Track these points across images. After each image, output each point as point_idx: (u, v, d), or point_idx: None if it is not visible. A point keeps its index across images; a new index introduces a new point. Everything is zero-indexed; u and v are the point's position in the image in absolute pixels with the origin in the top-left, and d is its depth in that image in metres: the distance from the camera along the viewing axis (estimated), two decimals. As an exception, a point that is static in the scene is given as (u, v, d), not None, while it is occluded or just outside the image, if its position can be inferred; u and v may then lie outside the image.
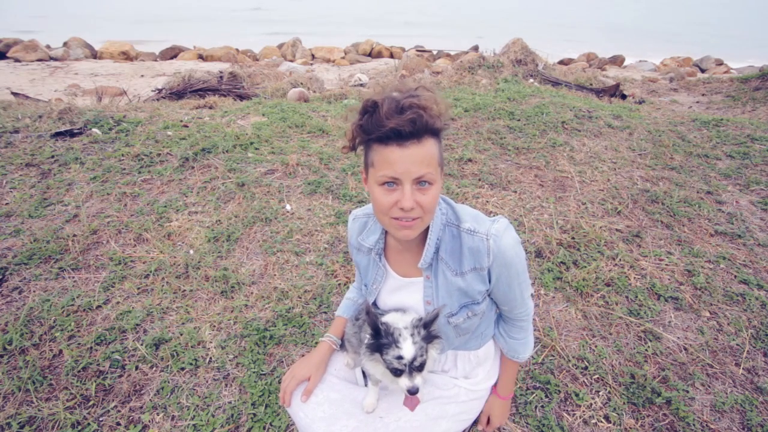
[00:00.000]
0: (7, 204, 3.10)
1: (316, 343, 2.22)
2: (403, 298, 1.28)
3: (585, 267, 2.82)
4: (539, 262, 2.88)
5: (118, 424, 1.86)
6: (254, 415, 1.90)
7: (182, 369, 2.10)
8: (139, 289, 2.54)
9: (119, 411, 1.91)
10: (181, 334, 2.26)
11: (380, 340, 1.09)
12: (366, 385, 1.38)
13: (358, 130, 1.06)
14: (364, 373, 1.41)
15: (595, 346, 2.32)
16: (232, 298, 2.53)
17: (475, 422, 1.46)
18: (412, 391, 1.07)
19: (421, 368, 1.09)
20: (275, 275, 2.70)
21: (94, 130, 4.04)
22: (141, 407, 1.93)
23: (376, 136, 1.02)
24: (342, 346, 1.47)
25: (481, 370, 1.40)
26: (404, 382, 1.07)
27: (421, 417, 1.26)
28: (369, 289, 1.34)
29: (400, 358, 1.06)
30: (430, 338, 1.14)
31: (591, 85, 7.89)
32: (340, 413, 1.25)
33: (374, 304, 1.35)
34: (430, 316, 1.12)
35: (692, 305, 2.61)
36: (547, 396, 2.05)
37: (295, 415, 1.30)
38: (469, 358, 1.38)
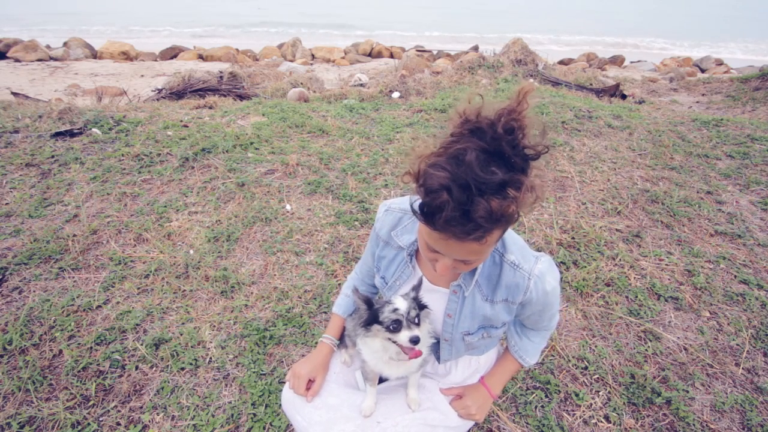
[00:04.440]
0: (7, 204, 3.10)
1: (316, 343, 2.22)
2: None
3: (585, 267, 2.82)
4: (539, 262, 2.88)
5: (118, 424, 1.86)
6: (254, 415, 1.90)
7: (182, 369, 2.10)
8: (139, 289, 2.54)
9: (119, 411, 1.91)
10: (181, 334, 2.26)
11: (374, 307, 1.17)
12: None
13: (415, 207, 0.92)
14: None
15: (595, 346, 2.32)
16: (232, 298, 2.53)
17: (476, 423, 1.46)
18: (414, 340, 1.10)
19: (417, 322, 1.13)
20: (275, 275, 2.70)
21: (94, 130, 4.04)
22: (141, 407, 1.93)
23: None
24: (341, 344, 1.46)
25: (478, 377, 1.39)
26: (405, 334, 1.11)
27: (419, 423, 1.25)
28: (388, 285, 1.29)
29: (396, 310, 1.12)
30: (420, 306, 1.17)
31: (591, 85, 7.89)
32: (338, 417, 1.24)
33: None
34: (414, 286, 1.18)
35: (692, 305, 2.61)
36: (547, 396, 2.05)
37: (292, 418, 1.30)
38: (470, 363, 1.38)
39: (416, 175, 0.89)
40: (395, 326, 1.12)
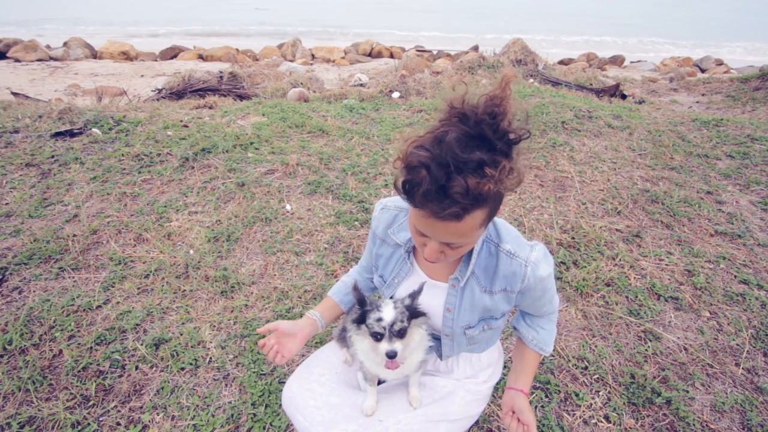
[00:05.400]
0: (7, 204, 3.10)
1: (316, 343, 2.23)
2: (423, 298, 1.24)
3: (585, 267, 2.82)
4: (539, 262, 2.88)
5: (118, 424, 1.86)
6: (254, 415, 1.90)
7: (182, 369, 2.10)
8: (139, 289, 2.54)
9: (119, 411, 1.91)
10: (181, 334, 2.26)
11: (365, 308, 1.15)
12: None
13: (398, 184, 0.95)
14: None
15: (595, 346, 2.32)
16: (232, 298, 2.53)
17: (476, 422, 1.46)
18: (390, 355, 1.10)
19: (401, 335, 1.12)
20: (275, 275, 2.70)
21: (94, 130, 4.04)
22: (141, 407, 1.93)
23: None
24: (343, 342, 1.46)
25: (482, 374, 1.39)
26: (383, 345, 1.11)
27: (421, 420, 1.25)
28: (387, 283, 1.29)
29: (380, 320, 1.10)
30: (415, 314, 1.15)
31: (591, 85, 7.89)
32: (339, 417, 1.24)
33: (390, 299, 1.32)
34: (412, 292, 1.15)
35: (692, 305, 2.61)
36: (547, 396, 2.05)
37: (293, 417, 1.29)
38: (471, 361, 1.38)
39: (403, 157, 0.92)
40: (377, 336, 1.11)
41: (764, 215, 3.49)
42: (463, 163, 0.84)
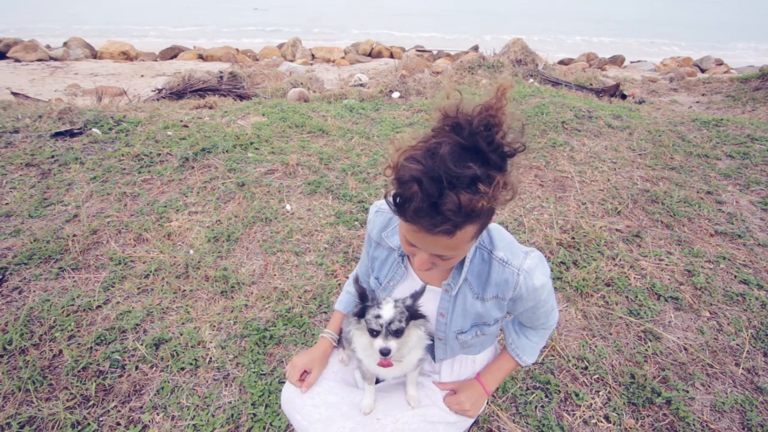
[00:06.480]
0: (7, 204, 3.10)
1: (316, 342, 2.23)
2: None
3: (585, 267, 2.82)
4: (539, 262, 2.88)
5: (118, 424, 1.86)
6: (254, 415, 1.90)
7: (182, 369, 2.10)
8: (139, 289, 2.54)
9: (119, 411, 1.91)
10: (181, 334, 2.26)
11: (365, 303, 1.15)
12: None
13: (389, 198, 0.93)
14: None
15: (595, 346, 2.32)
16: (232, 298, 2.53)
17: (476, 422, 1.46)
18: (384, 352, 1.10)
19: (397, 334, 1.12)
20: (275, 275, 2.70)
21: (94, 130, 4.04)
22: (141, 407, 1.93)
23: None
24: (339, 343, 1.47)
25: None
26: (378, 342, 1.11)
27: (419, 420, 1.25)
28: (382, 285, 1.29)
29: (378, 317, 1.11)
30: (414, 316, 1.15)
31: (591, 85, 7.89)
32: (337, 415, 1.24)
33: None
34: (414, 293, 1.15)
35: (692, 305, 2.61)
36: (547, 396, 2.05)
37: (292, 417, 1.30)
38: (467, 362, 1.38)
39: (394, 168, 0.90)
40: (373, 333, 1.12)
41: (764, 215, 3.49)
42: (456, 178, 0.81)
